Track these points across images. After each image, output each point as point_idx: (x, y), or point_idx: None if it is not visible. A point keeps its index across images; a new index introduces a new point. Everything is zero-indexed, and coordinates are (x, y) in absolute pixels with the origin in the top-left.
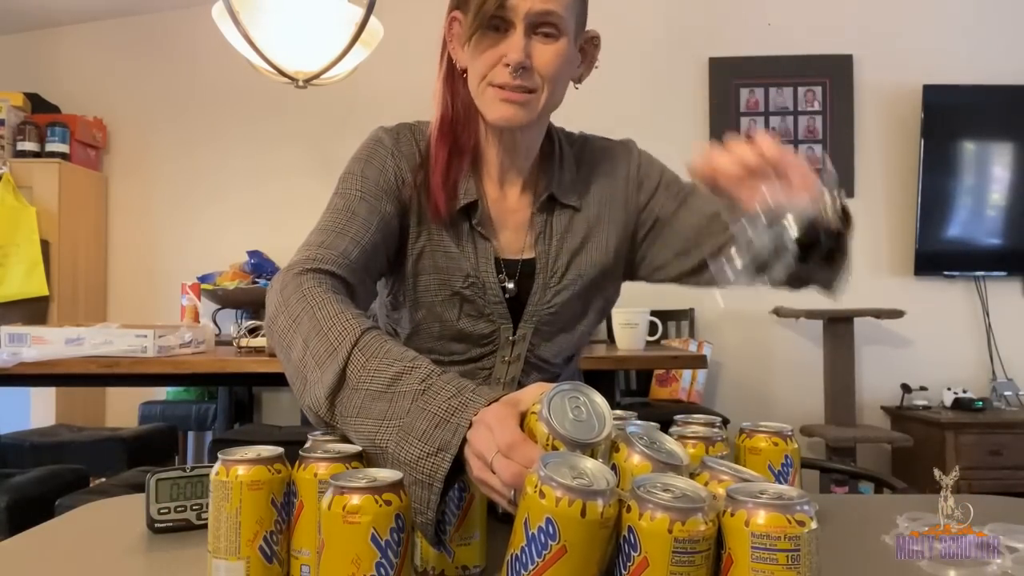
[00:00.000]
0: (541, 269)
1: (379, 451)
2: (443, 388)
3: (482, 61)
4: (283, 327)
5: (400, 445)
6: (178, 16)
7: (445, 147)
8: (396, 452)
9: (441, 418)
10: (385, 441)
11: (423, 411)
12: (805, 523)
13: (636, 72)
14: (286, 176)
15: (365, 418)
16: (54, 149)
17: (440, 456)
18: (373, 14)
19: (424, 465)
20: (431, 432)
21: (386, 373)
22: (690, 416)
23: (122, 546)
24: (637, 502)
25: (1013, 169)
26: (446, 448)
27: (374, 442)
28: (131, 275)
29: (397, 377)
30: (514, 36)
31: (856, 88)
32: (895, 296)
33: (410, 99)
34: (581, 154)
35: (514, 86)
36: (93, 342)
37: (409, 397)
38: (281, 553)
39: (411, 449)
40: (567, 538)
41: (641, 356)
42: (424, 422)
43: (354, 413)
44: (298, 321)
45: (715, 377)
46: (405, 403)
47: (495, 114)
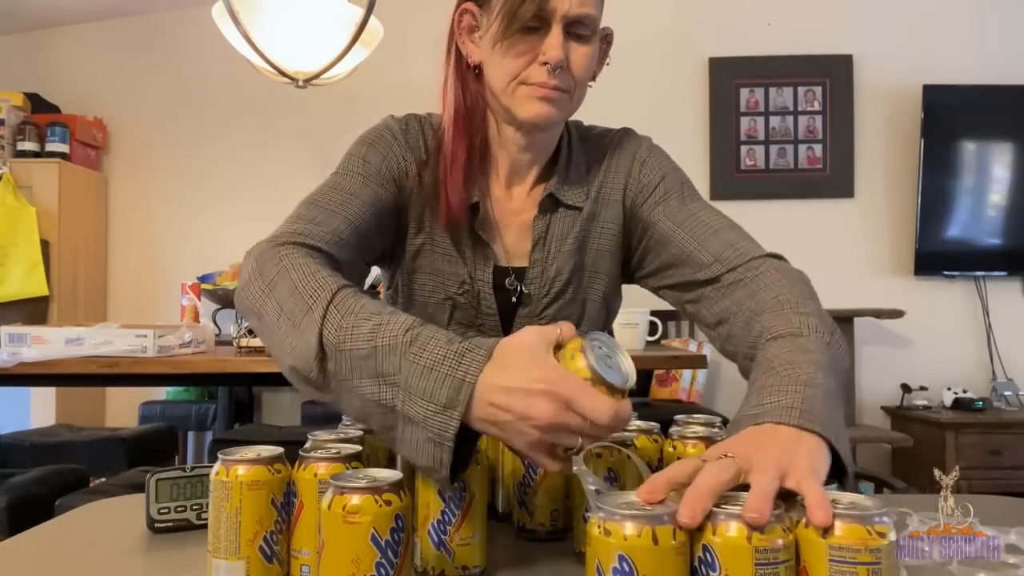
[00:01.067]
0: (535, 278)
1: (384, 411)
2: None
3: (514, 61)
4: (255, 292)
5: (405, 403)
6: (178, 16)
7: (463, 144)
8: (404, 409)
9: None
10: (389, 400)
11: (414, 365)
12: (885, 534)
13: (636, 72)
14: (286, 176)
15: (361, 378)
16: (54, 149)
17: (447, 414)
18: (373, 14)
19: (433, 423)
20: (431, 387)
21: (364, 328)
22: (690, 416)
23: (122, 546)
24: (708, 518)
25: (1013, 169)
26: (452, 405)
27: (379, 402)
28: (131, 275)
29: (376, 330)
30: (552, 36)
31: (856, 88)
32: (895, 296)
33: (410, 99)
34: (593, 149)
35: (551, 86)
36: (93, 342)
37: (398, 351)
38: (281, 553)
39: (416, 407)
40: (645, 572)
41: (641, 356)
42: (420, 378)
43: (347, 375)
44: (272, 285)
45: (715, 377)
46: (395, 358)
47: (529, 112)
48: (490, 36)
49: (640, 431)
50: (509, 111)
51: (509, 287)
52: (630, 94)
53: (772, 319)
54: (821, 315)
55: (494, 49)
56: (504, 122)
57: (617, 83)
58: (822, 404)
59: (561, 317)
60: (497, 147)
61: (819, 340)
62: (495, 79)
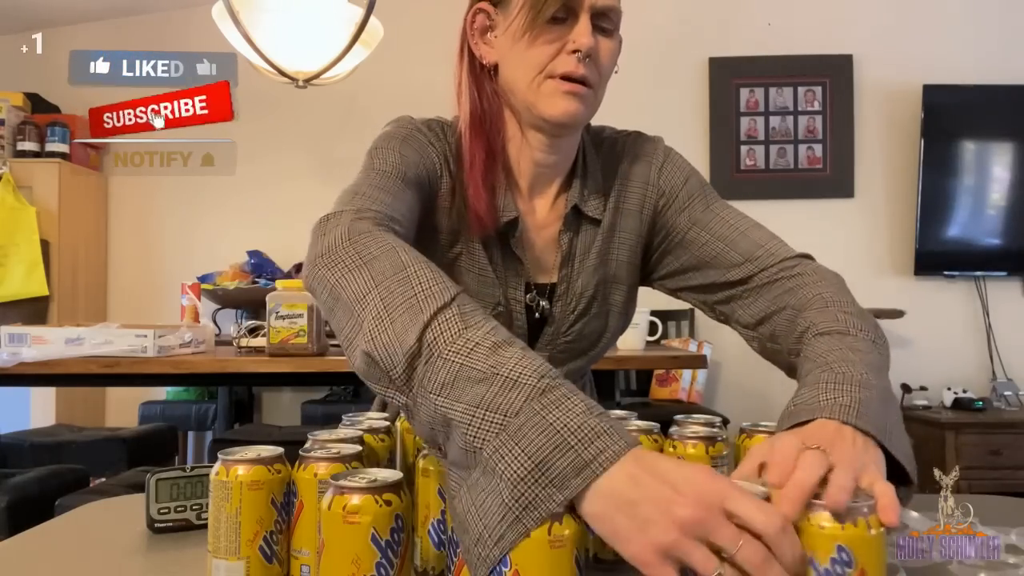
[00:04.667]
0: (561, 295)
1: (469, 446)
2: (568, 398)
3: (541, 51)
4: (344, 261)
5: (500, 451)
6: (178, 16)
7: (482, 146)
8: (496, 457)
9: (566, 441)
10: (484, 437)
11: (538, 416)
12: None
13: (636, 72)
14: (286, 176)
15: (459, 401)
16: (54, 149)
17: (550, 491)
18: (373, 14)
19: (525, 490)
20: (548, 454)
21: (485, 345)
22: (690, 416)
23: (122, 546)
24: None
25: (1013, 169)
26: (562, 485)
27: (467, 434)
28: (131, 275)
29: (502, 358)
30: (580, 24)
31: (856, 88)
32: (895, 296)
33: (410, 99)
34: (607, 155)
35: (580, 76)
36: (93, 342)
37: (523, 392)
38: (281, 553)
39: (514, 463)
40: (863, 561)
41: (641, 356)
42: (540, 435)
43: (439, 389)
44: (369, 259)
45: (715, 377)
46: (517, 398)
47: (557, 109)
48: (511, 32)
49: (640, 431)
50: (533, 109)
51: (531, 303)
52: (630, 94)
53: (817, 315)
54: (864, 315)
55: (517, 43)
56: (527, 126)
57: (617, 83)
58: (878, 407)
59: (586, 333)
60: (518, 155)
61: (867, 340)
62: (518, 74)
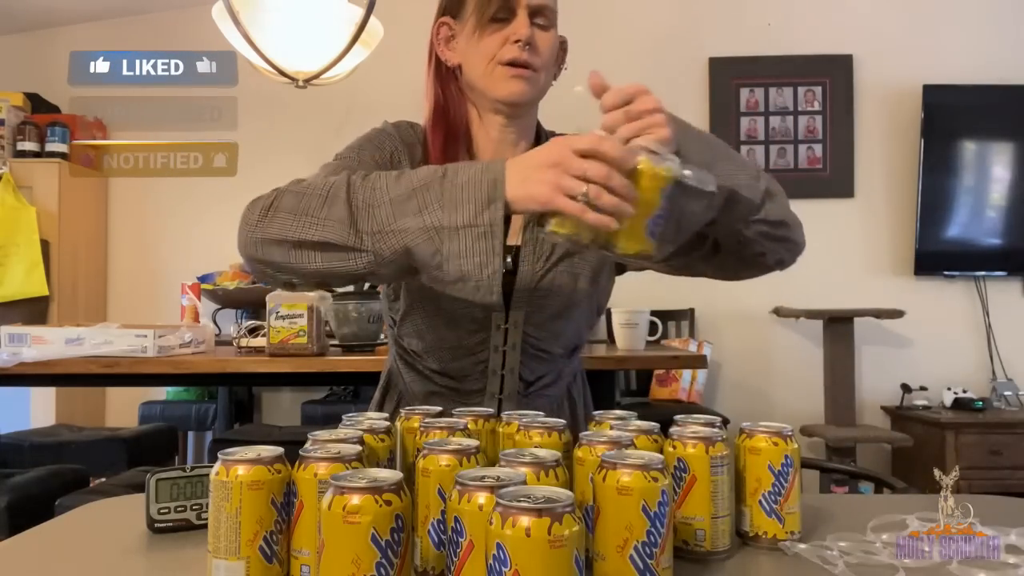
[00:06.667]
0: (527, 254)
1: (431, 234)
2: (459, 167)
3: (490, 44)
4: (287, 196)
5: (451, 215)
6: (178, 16)
7: (440, 132)
8: (449, 222)
9: (476, 181)
10: (435, 221)
11: (454, 185)
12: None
13: (636, 72)
14: (285, 175)
15: (404, 217)
16: (54, 149)
17: (492, 207)
18: (373, 14)
19: (481, 219)
20: (473, 194)
21: (395, 182)
22: (690, 416)
23: (122, 546)
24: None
25: (1013, 169)
26: (493, 198)
27: (424, 227)
28: (131, 275)
29: (409, 180)
30: (519, 19)
31: (856, 88)
32: (895, 296)
33: (410, 99)
34: None
35: (523, 60)
36: (93, 342)
37: (436, 184)
38: (281, 553)
39: (462, 213)
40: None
41: (641, 356)
42: (461, 192)
43: (384, 224)
44: (295, 193)
45: (715, 377)
46: (434, 188)
47: (506, 90)
48: (466, 35)
49: (640, 431)
50: (488, 93)
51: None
52: None
53: None
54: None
55: (471, 41)
56: (485, 110)
57: (617, 83)
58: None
59: (554, 289)
60: (481, 136)
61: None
62: (475, 67)
